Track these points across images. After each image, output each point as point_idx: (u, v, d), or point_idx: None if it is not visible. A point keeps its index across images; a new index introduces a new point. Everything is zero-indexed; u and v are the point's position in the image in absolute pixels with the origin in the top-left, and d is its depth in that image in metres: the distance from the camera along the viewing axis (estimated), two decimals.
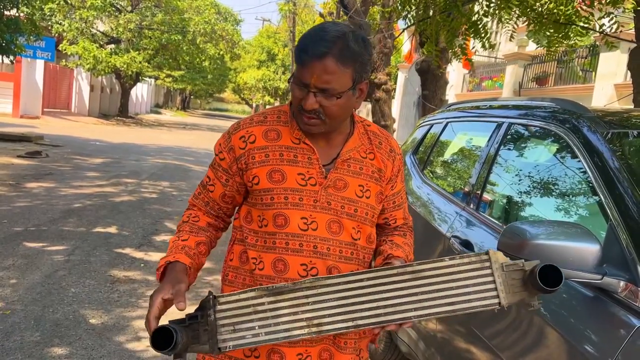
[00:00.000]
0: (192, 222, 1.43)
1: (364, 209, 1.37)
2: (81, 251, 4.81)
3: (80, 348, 3.06)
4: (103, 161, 11.13)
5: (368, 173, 1.39)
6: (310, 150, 1.34)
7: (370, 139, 1.43)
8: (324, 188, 1.33)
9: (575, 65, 13.47)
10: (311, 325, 1.17)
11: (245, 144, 1.36)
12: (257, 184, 1.34)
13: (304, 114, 1.28)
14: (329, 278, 1.19)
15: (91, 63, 22.91)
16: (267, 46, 34.69)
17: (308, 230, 1.32)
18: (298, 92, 1.28)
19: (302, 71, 1.25)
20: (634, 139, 2.09)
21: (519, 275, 1.18)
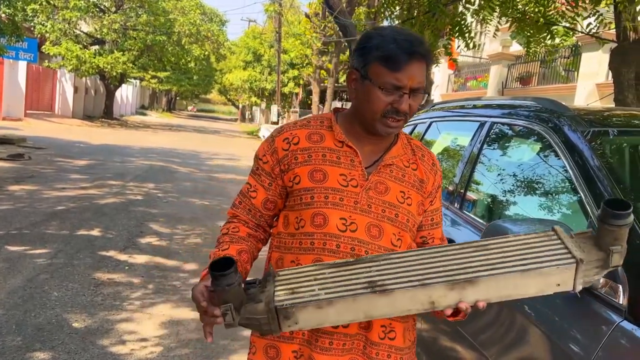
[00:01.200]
0: (232, 233, 1.41)
1: (405, 215, 1.34)
2: (64, 254, 4.75)
3: (63, 352, 3.02)
4: (87, 163, 11.02)
5: (410, 181, 1.38)
6: (353, 153, 1.34)
7: (413, 150, 1.44)
8: (365, 190, 1.32)
9: (558, 65, 13.62)
10: (375, 285, 1.12)
11: (288, 145, 1.36)
12: (297, 183, 1.34)
13: (391, 117, 1.28)
14: (392, 254, 1.19)
15: (74, 64, 22.67)
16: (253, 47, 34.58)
17: (347, 231, 1.29)
18: (386, 96, 1.27)
19: (397, 75, 1.25)
20: (614, 137, 2.11)
21: (590, 240, 1.15)
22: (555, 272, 1.10)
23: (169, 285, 4.31)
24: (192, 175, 11.11)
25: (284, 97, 31.05)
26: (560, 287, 1.12)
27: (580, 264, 1.10)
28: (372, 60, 1.27)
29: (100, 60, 23.62)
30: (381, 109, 1.28)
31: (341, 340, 1.29)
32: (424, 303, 1.11)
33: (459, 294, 1.11)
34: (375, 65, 1.27)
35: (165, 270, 4.68)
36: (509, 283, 1.11)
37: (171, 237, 5.80)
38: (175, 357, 3.12)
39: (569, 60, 12.80)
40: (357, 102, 1.34)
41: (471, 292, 1.11)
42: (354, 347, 1.30)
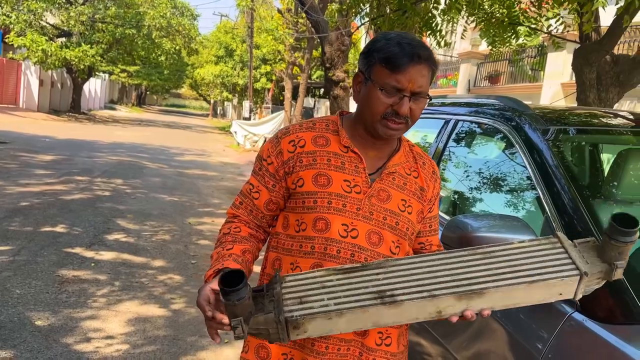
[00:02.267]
0: (234, 232, 1.40)
1: (405, 223, 1.36)
2: (27, 251, 4.65)
3: (25, 351, 2.96)
4: (53, 158, 10.76)
5: (411, 189, 1.39)
6: (357, 159, 1.35)
7: (415, 157, 1.45)
8: (368, 197, 1.33)
9: (525, 65, 13.92)
10: (384, 296, 1.12)
11: (294, 147, 1.36)
12: (301, 186, 1.34)
13: (392, 119, 1.29)
14: (399, 259, 1.19)
15: (40, 56, 22.07)
16: (225, 42, 34.22)
17: (347, 237, 1.30)
18: (387, 98, 1.28)
19: (397, 76, 1.26)
20: (573, 136, 2.18)
21: (592, 249, 1.16)
22: (560, 283, 1.13)
23: (136, 282, 4.26)
24: (162, 171, 10.97)
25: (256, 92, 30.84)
26: (562, 296, 1.15)
27: (584, 277, 1.12)
28: (375, 62, 1.29)
29: (67, 52, 23.05)
30: (381, 110, 1.29)
31: (336, 345, 1.30)
32: (431, 312, 1.13)
33: (466, 303, 1.13)
34: (378, 66, 1.29)
35: (132, 267, 4.62)
36: (514, 293, 1.13)
37: (139, 234, 5.73)
38: (141, 355, 3.10)
39: (535, 60, 13.09)
40: (360, 103, 1.35)
41: (478, 302, 1.13)
42: (349, 353, 1.31)
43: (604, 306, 1.39)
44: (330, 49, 8.53)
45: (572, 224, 1.61)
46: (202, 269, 4.79)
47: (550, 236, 1.20)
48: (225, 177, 11.06)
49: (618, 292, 1.38)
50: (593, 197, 2.08)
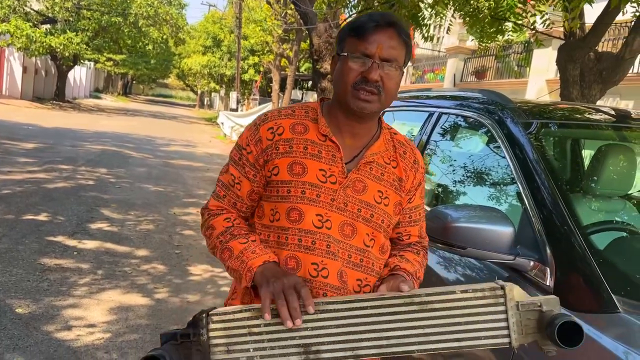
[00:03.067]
0: (237, 225, 1.35)
1: (381, 215, 1.32)
2: (8, 239, 4.60)
3: (5, 338, 2.94)
4: (36, 146, 10.63)
5: (389, 180, 1.35)
6: (335, 148, 1.31)
7: (395, 146, 1.40)
8: (343, 188, 1.29)
9: (512, 61, 14.02)
10: (309, 352, 1.10)
11: (273, 135, 1.32)
12: (276, 174, 1.30)
13: (363, 87, 1.25)
14: (329, 302, 1.13)
15: (24, 43, 21.70)
16: (212, 32, 33.94)
17: (322, 228, 1.27)
18: (357, 65, 1.25)
19: (364, 43, 1.25)
20: (554, 130, 2.21)
21: (534, 315, 1.10)
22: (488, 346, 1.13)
23: (119, 271, 4.24)
24: (147, 161, 10.89)
25: (243, 84, 30.67)
26: None
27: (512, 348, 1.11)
28: (345, 37, 1.30)
29: (52, 40, 22.70)
30: (352, 79, 1.25)
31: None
32: None
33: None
34: (348, 39, 1.29)
35: (115, 256, 4.60)
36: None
37: (123, 223, 5.70)
38: (123, 343, 3.09)
39: (521, 56, 13.19)
40: (335, 82, 1.33)
41: None
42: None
43: (580, 296, 1.42)
44: (318, 40, 8.51)
45: (551, 218, 1.63)
46: (186, 258, 4.79)
47: (498, 287, 1.11)
48: (212, 168, 11.02)
49: (593, 283, 1.41)
50: (572, 191, 2.12)
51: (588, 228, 1.81)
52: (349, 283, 1.28)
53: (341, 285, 1.27)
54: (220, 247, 1.32)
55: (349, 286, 1.28)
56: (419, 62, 19.25)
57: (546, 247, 1.55)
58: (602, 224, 1.87)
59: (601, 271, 1.41)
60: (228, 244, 1.30)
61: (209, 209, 1.41)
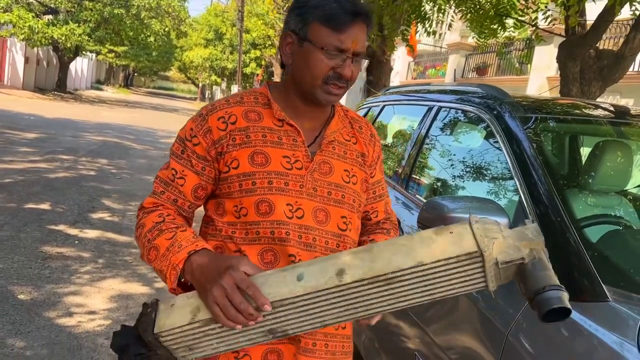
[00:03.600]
0: (169, 220, 1.20)
1: (351, 195, 1.27)
2: (10, 227, 4.64)
3: (7, 323, 2.99)
4: (37, 136, 10.66)
5: (352, 157, 1.30)
6: (295, 132, 1.23)
7: (351, 123, 1.35)
8: (310, 172, 1.22)
9: (513, 58, 14.03)
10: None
11: (225, 124, 1.22)
12: (236, 167, 1.20)
13: (333, 82, 1.19)
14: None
15: (26, 33, 21.69)
16: (214, 25, 33.94)
17: (293, 217, 1.19)
18: (329, 60, 1.17)
19: (339, 36, 1.16)
20: (551, 125, 2.24)
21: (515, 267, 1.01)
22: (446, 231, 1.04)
23: (119, 260, 4.29)
24: (148, 152, 10.93)
25: (245, 77, 30.66)
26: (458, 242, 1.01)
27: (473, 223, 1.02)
28: (312, 20, 1.17)
29: (54, 30, 22.68)
30: (323, 73, 1.18)
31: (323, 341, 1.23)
32: None
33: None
34: (316, 25, 1.17)
35: (116, 245, 4.64)
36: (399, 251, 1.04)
37: (124, 213, 5.74)
38: None
39: (523, 53, 13.19)
40: (295, 68, 1.22)
41: None
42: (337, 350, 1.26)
43: (571, 286, 1.45)
44: None
45: (545, 210, 1.67)
46: None
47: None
48: None
49: (584, 273, 1.45)
50: (568, 186, 2.15)
51: (582, 221, 1.84)
52: None
53: None
54: (148, 246, 1.17)
55: None
56: (420, 58, 19.24)
57: None
58: (595, 218, 1.91)
59: (592, 262, 1.45)
60: (154, 242, 1.16)
61: (143, 208, 1.27)
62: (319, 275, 1.03)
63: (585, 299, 1.41)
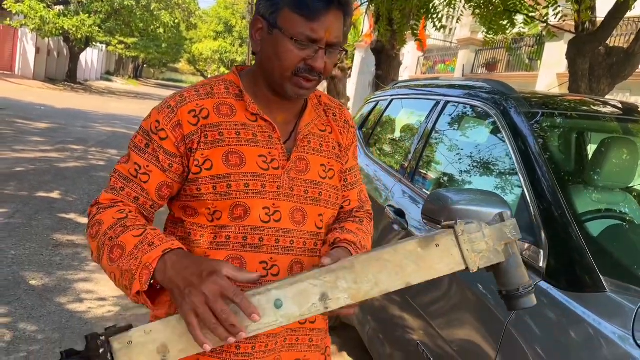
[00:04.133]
0: (132, 217, 1.08)
1: (328, 191, 1.20)
2: (22, 215, 4.72)
3: (20, 308, 3.06)
4: (48, 126, 10.76)
5: (329, 149, 1.23)
6: (270, 128, 1.15)
7: (325, 110, 1.28)
8: (287, 172, 1.14)
9: (523, 54, 13.97)
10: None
11: (197, 119, 1.11)
12: (209, 168, 1.10)
13: (304, 76, 1.10)
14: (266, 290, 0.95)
15: (37, 24, 21.84)
16: (224, 17, 34.04)
17: (270, 221, 1.12)
18: (299, 51, 1.08)
19: (311, 25, 1.06)
20: (556, 120, 2.27)
21: None
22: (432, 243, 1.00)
23: None
24: None
25: None
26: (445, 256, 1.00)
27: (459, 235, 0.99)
28: (283, 6, 1.08)
29: (65, 21, 22.82)
30: (293, 64, 1.09)
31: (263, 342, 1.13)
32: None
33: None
34: (286, 12, 1.08)
35: None
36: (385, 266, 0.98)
37: None
38: (132, 316, 3.20)
39: (533, 49, 13.13)
40: (264, 56, 1.13)
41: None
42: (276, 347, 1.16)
43: (570, 277, 1.49)
44: None
45: (547, 204, 1.69)
46: None
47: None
48: None
49: (583, 264, 1.48)
50: (572, 181, 2.17)
51: (584, 216, 1.87)
52: None
53: None
54: (110, 244, 1.03)
55: None
56: (430, 53, 19.19)
57: (541, 231, 1.61)
58: (597, 213, 1.93)
59: (591, 254, 1.48)
60: (119, 240, 1.03)
61: (98, 204, 1.12)
62: (300, 301, 0.95)
63: (583, 290, 1.45)
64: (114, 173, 1.14)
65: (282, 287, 0.94)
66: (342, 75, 11.20)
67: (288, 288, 0.94)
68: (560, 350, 1.36)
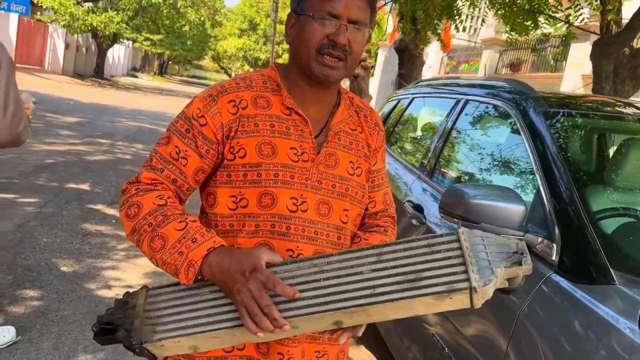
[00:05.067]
0: (171, 205, 1.14)
1: (355, 188, 1.25)
2: (53, 204, 4.90)
3: (52, 292, 3.20)
4: (77, 120, 11.04)
5: (358, 148, 1.28)
6: (302, 122, 1.20)
7: (357, 111, 1.33)
8: (316, 165, 1.19)
9: (548, 54, 13.82)
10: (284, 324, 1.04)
11: (236, 109, 1.17)
12: (242, 156, 1.16)
13: (329, 52, 1.14)
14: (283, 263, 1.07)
15: (67, 20, 22.35)
16: (249, 15, 34.30)
17: (297, 211, 1.17)
18: (323, 27, 1.14)
19: (331, 1, 1.13)
20: (575, 120, 2.30)
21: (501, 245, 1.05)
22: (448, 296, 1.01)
23: None
24: None
25: None
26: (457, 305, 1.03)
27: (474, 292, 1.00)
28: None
29: (93, 18, 23.30)
30: (316, 41, 1.14)
31: None
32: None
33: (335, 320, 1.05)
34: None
35: None
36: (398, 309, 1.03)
37: None
38: None
39: (558, 49, 12.98)
40: (293, 43, 1.21)
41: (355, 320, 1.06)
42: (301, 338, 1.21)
43: (581, 269, 1.54)
44: None
45: (562, 200, 1.74)
46: None
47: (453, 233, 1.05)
48: None
49: (593, 258, 1.53)
50: (589, 181, 2.21)
51: (599, 213, 1.91)
52: None
53: None
54: (150, 232, 1.09)
55: None
56: (453, 53, 19.08)
57: (555, 226, 1.66)
58: (614, 211, 1.97)
59: (602, 248, 1.53)
60: (160, 230, 1.09)
61: (138, 183, 1.18)
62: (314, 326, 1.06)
63: (593, 282, 1.50)
64: (155, 154, 1.20)
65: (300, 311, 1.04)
66: (364, 73, 11.24)
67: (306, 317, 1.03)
68: (570, 340, 1.41)
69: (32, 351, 2.57)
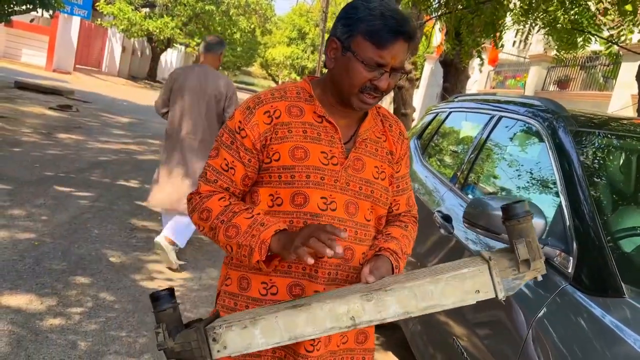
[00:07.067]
0: (235, 203, 1.33)
1: (379, 190, 1.37)
2: (105, 199, 5.21)
3: (101, 280, 3.45)
4: (129, 121, 11.56)
5: (382, 154, 1.40)
6: (333, 129, 1.33)
7: (382, 121, 1.45)
8: (345, 168, 1.32)
9: (597, 72, 13.49)
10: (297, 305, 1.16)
11: (270, 119, 1.31)
12: (277, 160, 1.30)
13: (369, 93, 1.28)
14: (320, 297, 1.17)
15: (125, 25, 23.36)
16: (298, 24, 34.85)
17: (327, 210, 1.29)
18: (367, 72, 1.26)
19: (380, 53, 1.24)
20: (604, 141, 2.35)
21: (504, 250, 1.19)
22: (468, 275, 1.12)
23: (196, 238, 4.70)
24: None
25: None
26: (480, 294, 1.12)
27: (490, 263, 1.11)
28: (357, 33, 1.25)
29: (150, 23, 24.24)
30: (361, 83, 1.27)
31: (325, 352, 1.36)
32: (344, 319, 1.12)
33: (376, 307, 1.12)
34: (360, 38, 1.25)
35: None
36: (424, 293, 1.12)
37: None
38: (196, 297, 3.51)
39: (608, 68, 12.67)
40: (336, 73, 1.31)
41: (389, 304, 1.12)
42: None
43: (594, 282, 1.61)
44: None
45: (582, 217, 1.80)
46: None
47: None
48: None
49: (606, 272, 1.60)
50: (614, 201, 2.25)
51: (620, 232, 1.96)
52: (355, 257, 1.34)
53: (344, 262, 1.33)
54: (224, 226, 1.28)
55: (355, 261, 1.34)
56: (501, 67, 18.88)
57: (573, 241, 1.74)
58: (632, 230, 2.01)
59: (616, 263, 1.60)
60: (232, 221, 1.28)
61: (199, 194, 1.37)
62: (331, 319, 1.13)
63: (605, 294, 1.57)
64: (208, 167, 1.37)
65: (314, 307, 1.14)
66: (409, 85, 11.27)
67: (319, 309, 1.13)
68: (579, 348, 1.49)
69: (80, 332, 2.79)
